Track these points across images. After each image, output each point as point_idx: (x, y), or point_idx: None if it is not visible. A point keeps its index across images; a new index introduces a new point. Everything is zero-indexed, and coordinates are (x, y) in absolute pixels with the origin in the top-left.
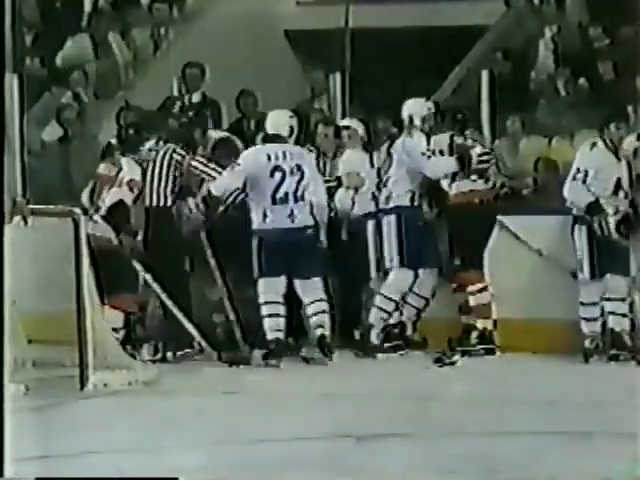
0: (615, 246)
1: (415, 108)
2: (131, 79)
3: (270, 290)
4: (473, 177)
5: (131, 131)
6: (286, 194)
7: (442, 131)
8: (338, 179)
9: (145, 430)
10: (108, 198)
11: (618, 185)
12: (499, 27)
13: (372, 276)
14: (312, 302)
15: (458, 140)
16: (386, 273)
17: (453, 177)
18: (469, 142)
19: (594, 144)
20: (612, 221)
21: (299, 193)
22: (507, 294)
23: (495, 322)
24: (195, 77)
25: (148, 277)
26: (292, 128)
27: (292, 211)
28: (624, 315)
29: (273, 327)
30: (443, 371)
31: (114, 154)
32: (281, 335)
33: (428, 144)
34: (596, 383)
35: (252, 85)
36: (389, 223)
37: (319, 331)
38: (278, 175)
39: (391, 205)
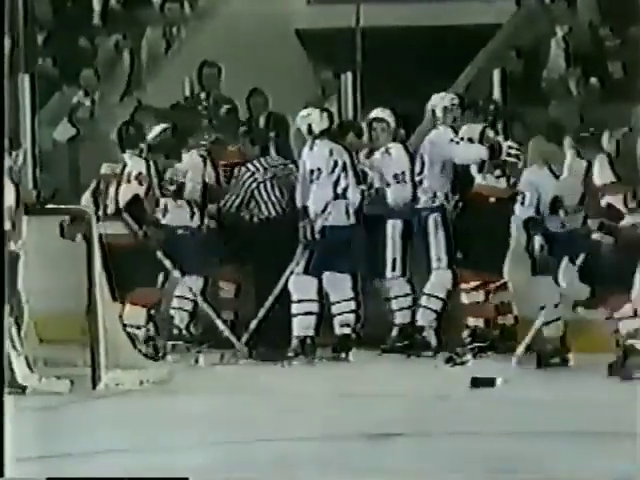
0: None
1: (435, 100)
2: (143, 78)
3: (305, 288)
4: (497, 173)
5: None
6: (344, 190)
7: (472, 122)
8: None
9: (156, 429)
10: (121, 196)
11: (556, 203)
12: (510, 26)
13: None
14: (340, 301)
15: (490, 133)
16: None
17: (480, 168)
18: (499, 138)
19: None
20: (537, 243)
21: (349, 190)
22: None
23: (488, 321)
24: (212, 76)
25: (176, 273)
26: (329, 125)
27: (347, 207)
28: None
29: (304, 325)
30: (453, 371)
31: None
32: (311, 332)
33: (455, 134)
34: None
35: (262, 84)
36: (436, 222)
37: (344, 330)
38: (337, 170)
39: (437, 203)
